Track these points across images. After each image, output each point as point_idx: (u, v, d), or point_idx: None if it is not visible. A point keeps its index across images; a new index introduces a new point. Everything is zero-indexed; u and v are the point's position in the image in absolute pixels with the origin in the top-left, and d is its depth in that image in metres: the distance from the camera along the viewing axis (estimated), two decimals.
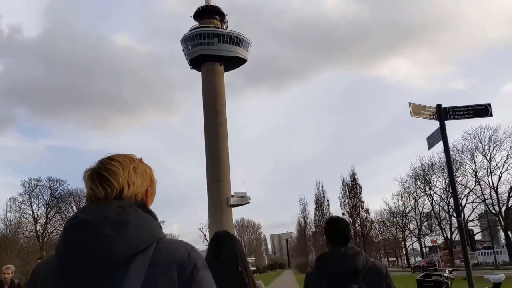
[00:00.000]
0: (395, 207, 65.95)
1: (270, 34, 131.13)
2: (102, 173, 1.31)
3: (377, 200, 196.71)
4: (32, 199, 56.89)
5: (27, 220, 56.35)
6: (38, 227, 56.44)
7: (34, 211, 56.74)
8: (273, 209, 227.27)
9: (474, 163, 50.08)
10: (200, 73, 66.89)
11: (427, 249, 70.93)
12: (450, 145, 8.29)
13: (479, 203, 51.73)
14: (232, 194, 63.08)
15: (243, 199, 63.83)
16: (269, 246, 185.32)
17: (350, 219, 62.71)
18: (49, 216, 57.33)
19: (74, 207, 58.25)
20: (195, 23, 66.62)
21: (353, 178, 64.40)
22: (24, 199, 56.45)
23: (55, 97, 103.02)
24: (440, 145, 8.21)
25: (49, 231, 56.71)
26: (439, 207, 57.64)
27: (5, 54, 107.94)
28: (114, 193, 1.29)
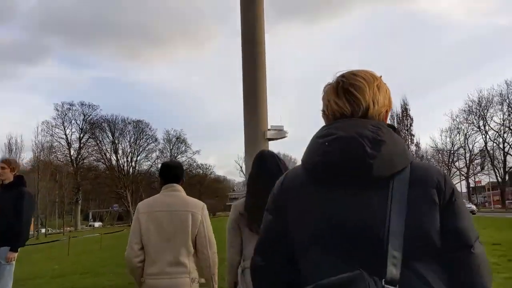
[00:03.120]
0: (442, 144, 62.09)
1: None
2: (348, 88, 1.25)
3: (421, 138, 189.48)
4: (65, 124, 56.59)
5: (60, 144, 56.34)
6: (72, 151, 56.22)
7: (68, 136, 56.45)
8: None
9: None
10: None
11: (470, 189, 67.03)
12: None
13: None
14: (269, 127, 60.17)
15: (280, 133, 60.16)
16: None
17: None
18: (82, 141, 56.87)
19: (109, 133, 57.51)
20: None
21: (405, 109, 60.29)
22: (57, 123, 56.39)
23: (88, 28, 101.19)
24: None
25: (83, 156, 56.57)
26: (493, 144, 53.57)
27: None
28: (360, 111, 1.24)
